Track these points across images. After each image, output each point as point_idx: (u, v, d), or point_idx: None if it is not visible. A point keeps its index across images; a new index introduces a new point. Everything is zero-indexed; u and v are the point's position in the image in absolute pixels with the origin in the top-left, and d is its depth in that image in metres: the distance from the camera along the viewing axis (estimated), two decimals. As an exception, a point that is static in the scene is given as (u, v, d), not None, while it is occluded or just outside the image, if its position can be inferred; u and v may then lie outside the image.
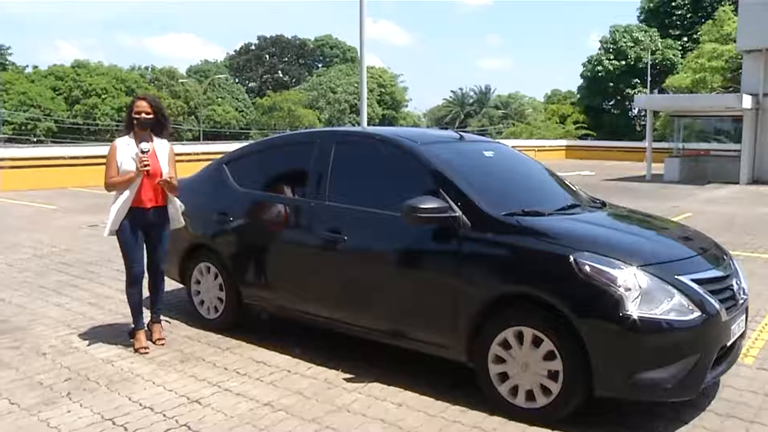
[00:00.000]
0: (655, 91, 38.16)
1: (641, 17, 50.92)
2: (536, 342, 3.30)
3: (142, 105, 4.41)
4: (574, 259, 3.22)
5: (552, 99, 61.68)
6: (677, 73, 39.44)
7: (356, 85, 63.83)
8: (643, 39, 47.10)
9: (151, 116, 4.40)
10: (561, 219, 3.83)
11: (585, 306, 3.16)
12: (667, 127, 29.10)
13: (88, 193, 15.38)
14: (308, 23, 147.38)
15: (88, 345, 4.58)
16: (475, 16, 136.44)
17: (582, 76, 50.94)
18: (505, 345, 3.41)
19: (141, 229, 4.41)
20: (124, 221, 4.35)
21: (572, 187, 4.69)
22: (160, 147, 4.48)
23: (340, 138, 4.56)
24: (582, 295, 3.17)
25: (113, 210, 4.35)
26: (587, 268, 3.19)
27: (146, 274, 4.57)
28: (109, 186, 4.40)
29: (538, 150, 30.60)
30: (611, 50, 48.80)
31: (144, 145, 4.31)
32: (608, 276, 3.15)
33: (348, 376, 3.99)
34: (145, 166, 4.28)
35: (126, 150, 4.38)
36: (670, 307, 3.13)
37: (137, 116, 4.38)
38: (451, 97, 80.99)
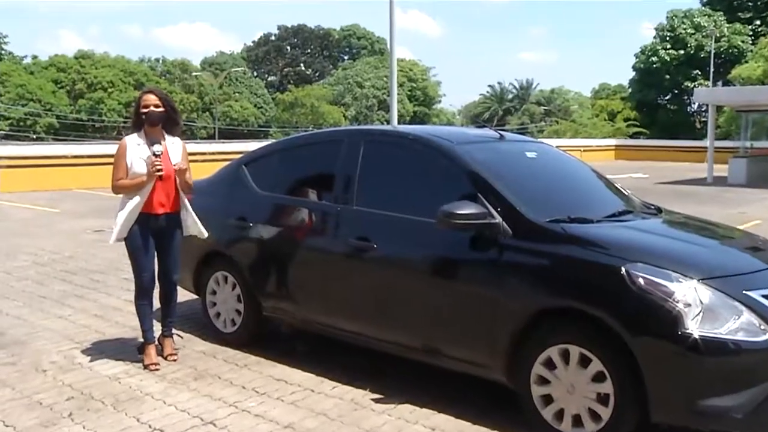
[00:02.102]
0: (719, 83, 37.45)
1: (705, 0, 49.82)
2: (584, 361, 3.28)
3: (151, 98, 4.44)
4: (626, 271, 3.19)
5: (600, 94, 61.04)
6: (746, 62, 38.64)
7: (385, 79, 63.98)
8: (705, 24, 46.08)
9: (161, 110, 4.44)
10: (611, 226, 3.80)
11: (638, 323, 3.13)
12: (732, 124, 28.60)
13: (93, 196, 15.60)
14: (333, 12, 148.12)
15: (93, 361, 4.62)
16: (516, 5, 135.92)
17: (634, 68, 50.22)
18: (550, 364, 3.39)
19: (152, 236, 4.46)
20: (134, 227, 4.39)
21: (623, 191, 4.65)
22: (173, 147, 4.53)
23: (369, 137, 4.59)
24: (635, 311, 3.14)
25: (121, 215, 4.38)
26: (641, 280, 3.16)
27: (157, 284, 4.63)
28: (116, 188, 4.45)
29: (585, 150, 30.32)
30: (668, 38, 47.84)
31: (156, 147, 4.34)
32: (664, 289, 3.12)
33: (376, 396, 4.00)
34: (158, 170, 4.32)
35: (136, 150, 4.42)
36: (738, 326, 3.07)
37: (146, 110, 4.40)
38: (488, 92, 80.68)
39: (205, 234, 4.64)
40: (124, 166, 4.40)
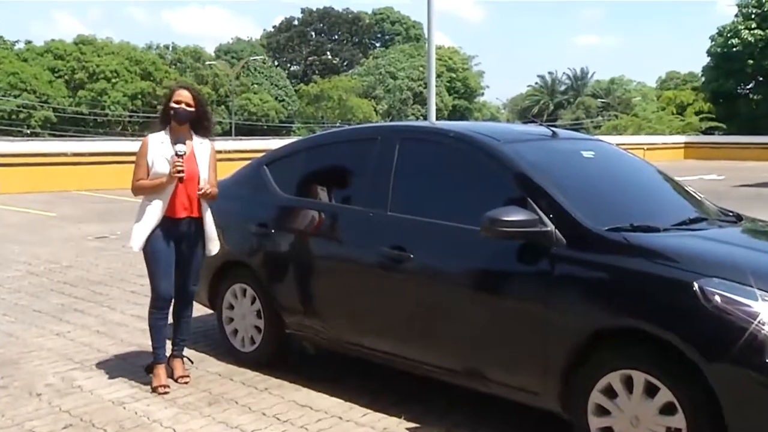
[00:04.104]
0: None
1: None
2: (650, 390, 3.24)
3: (184, 95, 4.52)
4: (700, 287, 3.15)
5: (667, 84, 60.34)
6: None
7: (422, 69, 64.09)
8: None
9: (192, 109, 4.53)
10: (681, 236, 3.76)
11: (715, 347, 3.07)
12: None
13: (95, 198, 15.81)
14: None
15: (95, 383, 4.65)
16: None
17: (709, 52, 49.08)
18: (610, 392, 3.36)
19: (172, 243, 4.54)
20: (155, 231, 4.48)
21: (695, 195, 4.60)
22: (200, 148, 4.62)
23: (405, 135, 4.61)
24: (711, 333, 3.09)
25: (142, 219, 4.46)
26: (717, 298, 3.11)
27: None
28: (136, 190, 4.55)
29: (649, 148, 30.02)
30: (753, 16, 45.70)
31: (180, 147, 4.41)
32: (746, 309, 3.06)
33: (412, 425, 4.01)
34: (179, 172, 4.39)
35: (159, 149, 4.51)
36: None
37: (176, 107, 4.49)
38: (537, 83, 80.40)
39: (214, 251, 4.68)
40: (146, 165, 4.49)
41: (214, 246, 4.67)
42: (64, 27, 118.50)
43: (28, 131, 52.37)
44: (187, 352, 4.91)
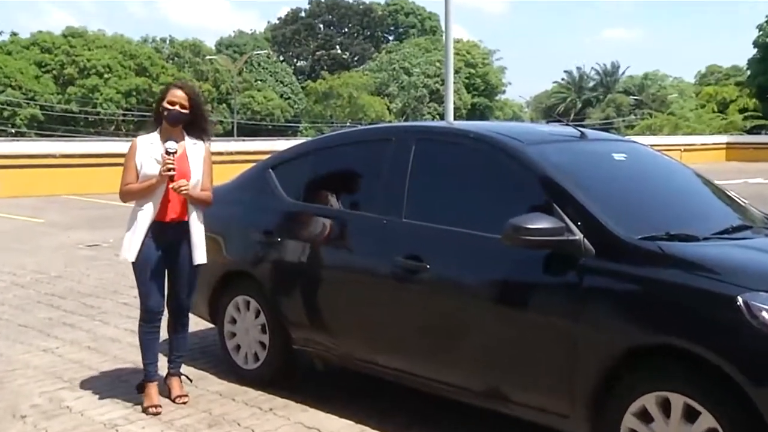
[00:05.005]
0: None
1: None
2: (690, 414, 3.22)
3: (178, 95, 4.53)
4: (744, 302, 3.13)
5: (707, 79, 60.10)
6: None
7: (438, 64, 64.24)
8: None
9: (186, 111, 4.54)
10: (723, 245, 3.74)
11: (763, 368, 3.05)
12: None
13: (85, 203, 15.86)
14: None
15: (85, 404, 4.65)
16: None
17: (756, 43, 48.74)
18: (644, 416, 3.34)
19: (162, 250, 4.55)
20: (145, 240, 4.49)
21: (738, 200, 4.58)
22: (193, 149, 4.63)
23: (422, 136, 4.61)
24: (758, 353, 3.06)
25: (135, 227, 4.46)
26: (765, 314, 3.09)
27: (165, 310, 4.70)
28: (124, 195, 4.56)
29: (686, 149, 29.91)
30: None
31: (170, 145, 4.42)
32: (796, 327, 3.05)
33: (427, 450, 4.02)
34: (169, 170, 4.38)
35: (149, 150, 4.53)
36: None
37: (169, 107, 4.50)
38: (564, 79, 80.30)
39: (199, 260, 4.59)
40: (134, 168, 4.51)
41: (200, 254, 4.59)
42: (53, 18, 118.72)
43: (13, 130, 52.15)
44: (185, 369, 4.91)
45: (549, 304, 3.67)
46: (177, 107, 4.50)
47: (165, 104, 4.51)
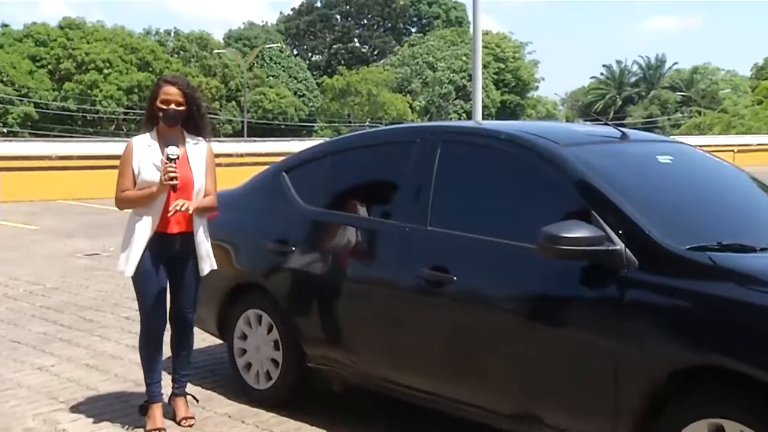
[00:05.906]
0: None
1: None
2: (745, 443, 3.19)
3: (171, 92, 4.50)
4: (805, 319, 3.11)
5: (765, 72, 59.53)
6: None
7: (465, 58, 64.32)
8: None
9: (182, 108, 4.53)
10: (781, 257, 3.70)
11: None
12: None
13: (84, 209, 15.91)
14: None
15: (82, 426, 4.67)
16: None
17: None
18: (694, 444, 3.32)
19: (164, 263, 4.56)
20: (145, 253, 4.47)
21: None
22: (195, 150, 4.62)
23: (448, 137, 4.62)
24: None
25: (133, 238, 4.45)
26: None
27: (168, 326, 4.71)
28: (120, 202, 4.55)
29: (740, 150, 29.66)
30: None
31: (171, 150, 4.39)
32: None
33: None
34: (172, 179, 4.35)
35: (146, 153, 4.51)
36: None
37: (164, 107, 4.49)
38: (602, 74, 79.99)
39: (206, 271, 4.64)
40: (131, 173, 4.50)
41: (206, 266, 4.62)
42: (48, 8, 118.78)
43: (5, 130, 52.28)
44: (191, 389, 4.93)
45: (587, 320, 3.65)
46: (172, 106, 4.49)
47: (159, 104, 4.49)
